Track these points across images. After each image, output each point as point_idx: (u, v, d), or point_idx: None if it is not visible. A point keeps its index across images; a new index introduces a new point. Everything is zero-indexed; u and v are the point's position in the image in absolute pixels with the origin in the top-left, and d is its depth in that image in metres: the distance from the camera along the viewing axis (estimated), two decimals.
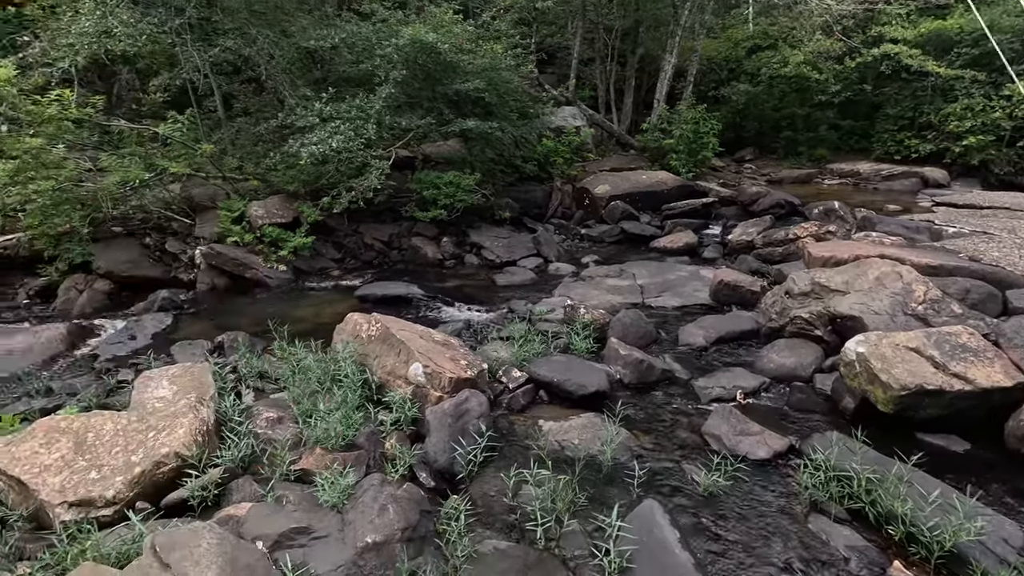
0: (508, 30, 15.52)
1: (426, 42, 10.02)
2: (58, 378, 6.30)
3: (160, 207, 10.44)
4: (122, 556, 2.93)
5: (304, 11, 12.79)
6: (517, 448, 4.36)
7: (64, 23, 10.16)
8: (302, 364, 5.27)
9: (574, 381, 5.01)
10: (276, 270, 9.87)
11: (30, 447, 3.68)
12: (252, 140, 12.43)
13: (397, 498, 3.23)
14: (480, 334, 6.97)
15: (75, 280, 9.43)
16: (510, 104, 12.65)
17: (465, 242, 11.38)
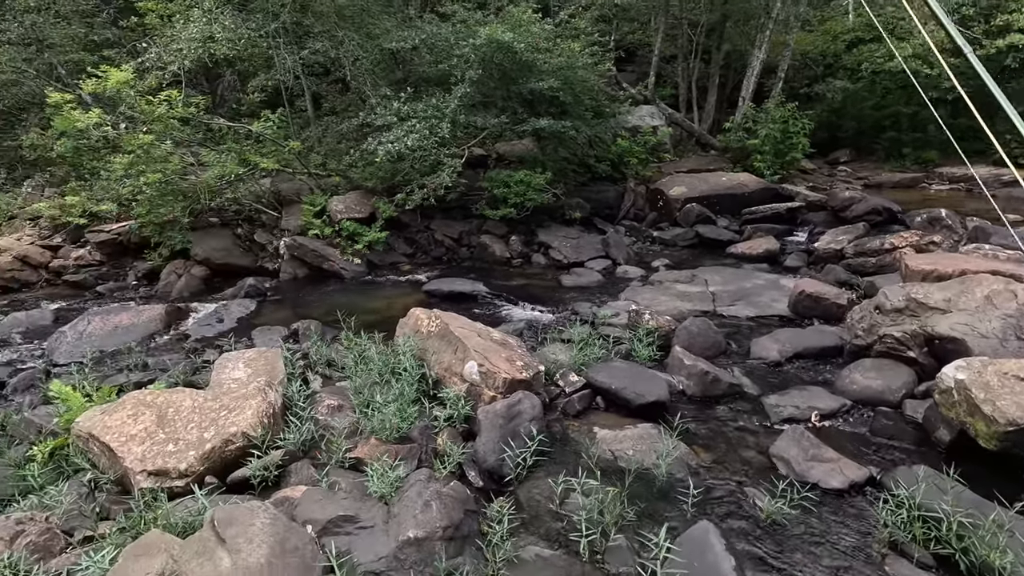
0: (587, 28, 15.30)
1: (502, 41, 10.07)
2: (154, 355, 6.91)
3: (251, 200, 11.20)
4: (187, 526, 3.14)
5: (388, 13, 13.25)
6: (569, 454, 4.26)
7: (176, 30, 11.13)
8: (365, 355, 5.44)
9: (633, 389, 4.83)
10: (351, 263, 10.30)
11: (120, 417, 4.03)
12: (336, 138, 13.05)
13: (442, 495, 3.24)
14: (541, 335, 6.90)
15: (175, 265, 10.32)
16: (585, 103, 12.47)
17: (533, 241, 11.34)
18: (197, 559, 2.66)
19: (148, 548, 2.73)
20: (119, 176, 9.61)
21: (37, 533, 3.29)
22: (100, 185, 10.29)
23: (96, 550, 2.90)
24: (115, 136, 9.91)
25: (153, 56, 11.07)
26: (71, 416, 4.43)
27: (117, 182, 9.77)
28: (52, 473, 4.18)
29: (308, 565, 2.83)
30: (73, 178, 11.57)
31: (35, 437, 4.68)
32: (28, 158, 12.65)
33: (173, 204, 10.02)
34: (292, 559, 2.79)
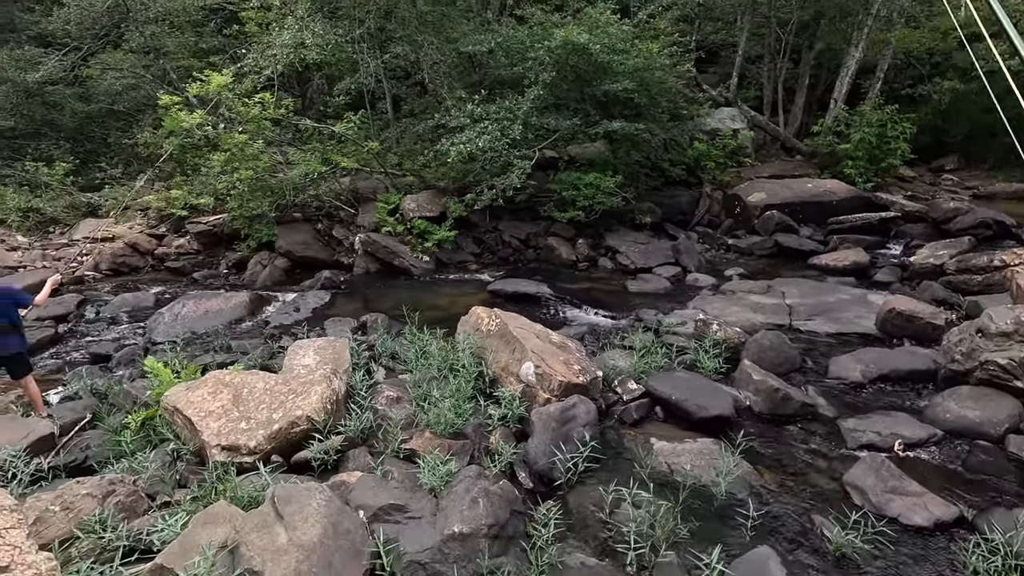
0: (667, 28, 14.90)
1: (578, 43, 10.00)
2: (237, 338, 7.42)
3: (331, 197, 11.78)
4: (251, 501, 3.34)
5: (467, 18, 13.52)
6: (622, 463, 4.15)
7: (271, 37, 11.92)
8: (426, 350, 5.57)
9: (695, 402, 4.64)
10: (421, 260, 10.60)
11: (201, 394, 4.36)
12: (412, 139, 13.48)
13: (489, 493, 3.25)
14: (603, 340, 6.79)
15: (261, 256, 11.04)
16: (662, 105, 12.15)
17: (600, 245, 11.18)
18: (257, 532, 2.82)
19: (215, 517, 2.93)
20: (216, 172, 10.41)
21: (125, 494, 3.61)
22: (200, 180, 11.20)
23: (171, 515, 3.15)
24: (214, 135, 10.76)
25: (250, 61, 11.91)
26: (161, 390, 4.84)
27: (215, 178, 10.59)
28: (142, 441, 4.58)
29: (357, 549, 2.92)
30: (178, 173, 12.68)
31: (131, 407, 5.16)
32: (142, 155, 13.98)
33: (262, 199, 10.72)
34: (343, 541, 2.90)
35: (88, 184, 14.30)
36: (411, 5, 12.01)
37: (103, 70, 14.72)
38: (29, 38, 15.94)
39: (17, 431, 4.56)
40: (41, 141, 14.97)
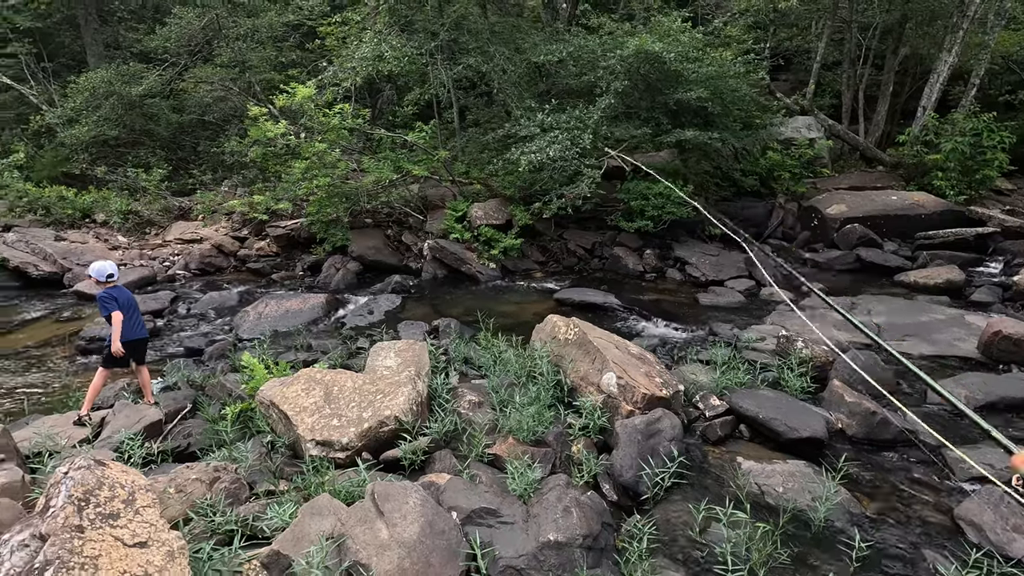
0: (740, 35, 14.54)
1: (651, 52, 9.92)
2: (316, 338, 7.74)
3: (401, 204, 12.15)
4: (349, 495, 3.47)
5: (537, 28, 13.68)
6: (709, 481, 4.04)
7: (350, 51, 12.47)
8: (502, 356, 5.62)
9: (783, 422, 4.46)
10: (487, 267, 10.74)
11: (295, 390, 4.57)
12: (479, 148, 13.73)
13: (581, 503, 3.23)
14: (676, 354, 6.65)
15: (334, 260, 11.51)
16: (734, 114, 11.85)
17: (669, 256, 10.98)
18: (360, 525, 2.92)
19: (320, 509, 3.06)
20: (296, 179, 10.96)
21: (230, 481, 3.82)
22: (281, 186, 11.82)
23: (279, 504, 3.31)
24: (295, 144, 11.34)
25: (329, 74, 12.49)
26: (255, 384, 5.11)
27: (294, 184, 11.16)
28: (238, 431, 4.84)
29: (453, 549, 2.97)
30: (260, 180, 13.43)
31: (226, 399, 5.48)
32: (227, 162, 14.91)
33: (338, 205, 11.20)
34: (439, 541, 2.96)
35: (180, 189, 15.37)
36: (483, 17, 12.28)
37: (196, 83, 15.82)
38: (133, 55, 17.36)
39: (131, 416, 4.93)
40: (140, 149, 16.24)
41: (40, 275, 11.23)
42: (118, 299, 5.38)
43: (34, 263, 11.38)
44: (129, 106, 15.45)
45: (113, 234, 13.59)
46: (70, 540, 2.27)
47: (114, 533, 2.45)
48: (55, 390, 6.51)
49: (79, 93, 15.31)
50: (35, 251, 11.78)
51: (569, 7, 14.46)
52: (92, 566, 2.24)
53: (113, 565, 2.30)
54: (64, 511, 2.36)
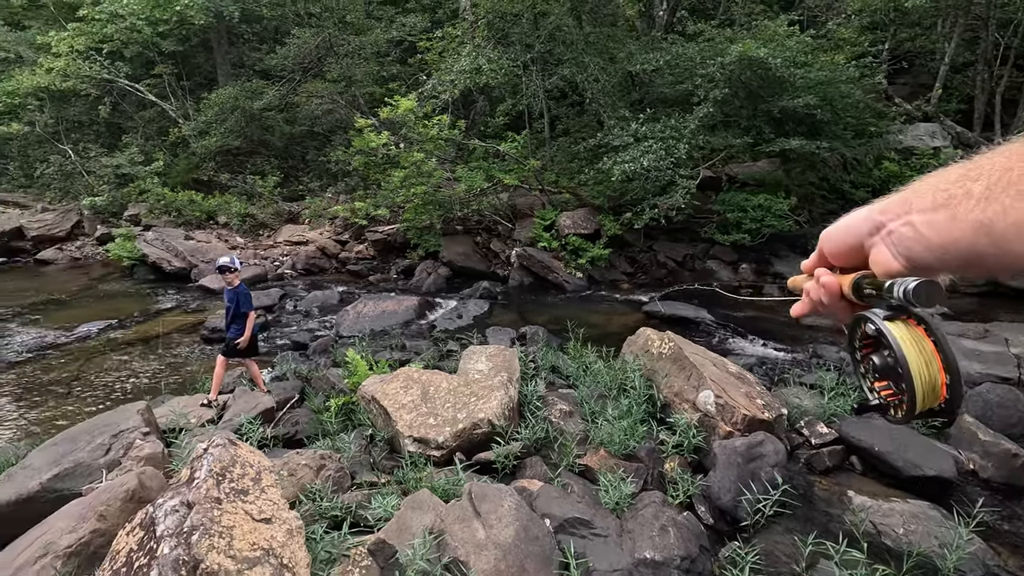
0: (854, 37, 13.58)
1: (755, 58, 9.50)
2: (409, 338, 8.09)
3: (491, 211, 12.44)
4: (445, 492, 3.58)
5: (632, 37, 13.54)
6: (816, 514, 3.78)
7: (447, 64, 12.98)
8: (592, 367, 5.59)
9: (903, 456, 4.08)
10: (574, 276, 10.73)
11: (394, 387, 4.80)
12: (569, 157, 13.78)
13: (678, 523, 3.14)
14: (776, 375, 6.29)
15: (426, 265, 11.97)
16: (845, 121, 11.06)
17: (767, 271, 10.42)
18: (459, 523, 3.02)
19: (421, 503, 3.19)
20: (395, 187, 11.54)
21: (334, 470, 4.08)
22: (380, 194, 12.49)
23: (382, 495, 3.49)
24: (395, 154, 11.95)
25: (429, 87, 13.06)
26: (357, 379, 5.42)
27: (393, 192, 11.75)
28: (341, 423, 5.16)
29: (546, 556, 2.99)
30: (362, 187, 14.27)
31: (329, 391, 5.86)
32: (332, 170, 15.99)
33: (431, 212, 11.66)
34: (534, 547, 2.99)
35: (290, 195, 16.69)
36: (578, 28, 12.34)
37: (307, 97, 17.12)
38: (255, 72, 19.11)
39: (248, 402, 5.40)
40: (257, 158, 17.81)
41: (172, 270, 12.60)
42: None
43: (168, 259, 12.78)
44: (250, 119, 17.00)
45: (232, 235, 14.98)
46: (211, 510, 2.52)
47: (244, 507, 2.70)
48: (185, 374, 7.27)
49: (210, 108, 17.08)
50: (168, 248, 13.22)
51: (666, 15, 14.19)
52: (228, 535, 2.48)
53: (245, 536, 2.53)
54: (206, 483, 2.63)
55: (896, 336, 0.62)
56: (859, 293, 0.66)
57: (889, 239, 0.60)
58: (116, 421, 4.52)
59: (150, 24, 16.91)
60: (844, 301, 0.69)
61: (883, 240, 0.61)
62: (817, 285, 0.71)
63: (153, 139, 18.69)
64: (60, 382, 7.13)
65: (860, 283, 0.65)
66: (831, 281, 0.70)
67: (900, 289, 0.58)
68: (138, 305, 10.74)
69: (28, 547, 2.99)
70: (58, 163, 17.64)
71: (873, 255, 0.63)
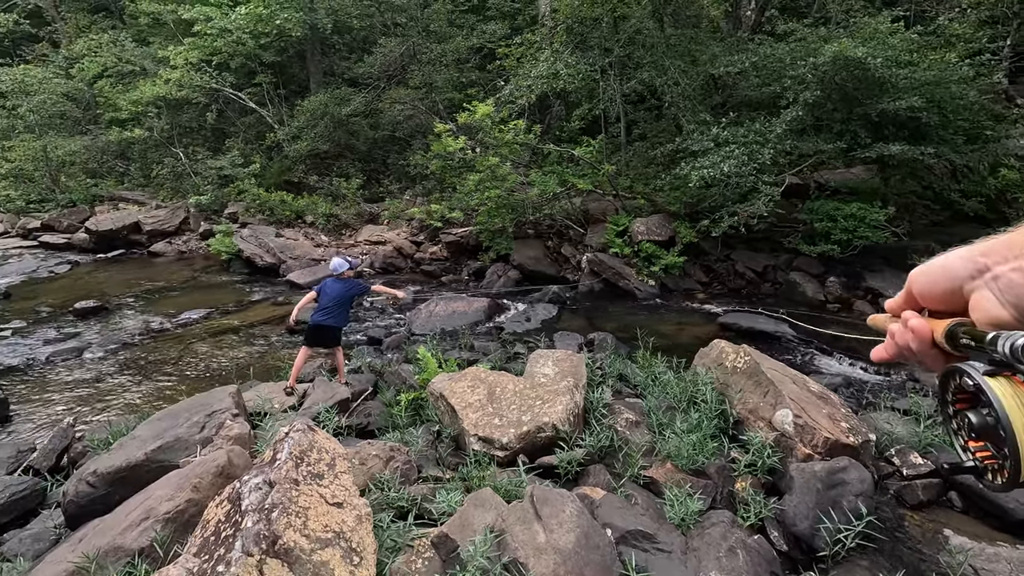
0: (969, 33, 12.39)
1: (852, 58, 8.89)
2: (478, 339, 8.23)
3: (563, 216, 12.41)
4: (507, 493, 3.62)
5: (716, 39, 13.09)
6: (906, 550, 3.48)
7: (525, 70, 13.11)
8: (661, 378, 5.44)
9: (1014, 496, 3.67)
10: (646, 284, 10.49)
11: (462, 386, 4.91)
12: (644, 162, 13.50)
13: (748, 547, 3.00)
14: (864, 398, 5.86)
15: (497, 267, 12.13)
16: (955, 124, 10.10)
17: (858, 285, 9.70)
18: (520, 524, 3.04)
19: (483, 501, 3.24)
20: (470, 190, 11.79)
21: (403, 462, 4.23)
22: (456, 197, 12.80)
23: (446, 490, 3.58)
24: (471, 158, 12.22)
25: (506, 92, 13.25)
26: (427, 376, 5.59)
27: (468, 195, 12.01)
28: (410, 417, 5.35)
29: (607, 566, 2.95)
30: (438, 190, 14.68)
31: (400, 386, 6.08)
32: (411, 173, 16.57)
33: (504, 216, 11.80)
34: (594, 556, 2.95)
35: (371, 196, 17.46)
36: (659, 31, 12.08)
37: (391, 103, 17.85)
38: (344, 80, 20.16)
39: (326, 391, 5.71)
40: (342, 161, 18.78)
41: (264, 265, 13.53)
42: (321, 288, 6.29)
43: (260, 255, 13.75)
44: (337, 124, 17.95)
45: (317, 233, 15.88)
46: (290, 490, 2.70)
47: (319, 491, 2.86)
48: (271, 361, 7.79)
49: (302, 114, 18.22)
50: (261, 245, 14.22)
51: (754, 14, 13.60)
52: (304, 515, 2.64)
53: (318, 518, 2.69)
54: (286, 465, 2.81)
55: (999, 395, 0.55)
56: (954, 342, 0.59)
57: (995, 285, 0.55)
58: (210, 402, 4.93)
59: (253, 37, 18.29)
60: (935, 349, 0.63)
61: (987, 285, 0.56)
62: (904, 329, 0.65)
63: (252, 143, 20.17)
64: (165, 362, 7.87)
65: (956, 331, 0.59)
66: (921, 326, 0.63)
67: (1007, 344, 0.52)
68: (233, 296, 11.63)
69: (134, 510, 3.32)
70: (171, 165, 19.45)
71: (974, 301, 0.58)
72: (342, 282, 6.36)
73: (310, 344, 6.32)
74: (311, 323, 6.30)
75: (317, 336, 6.32)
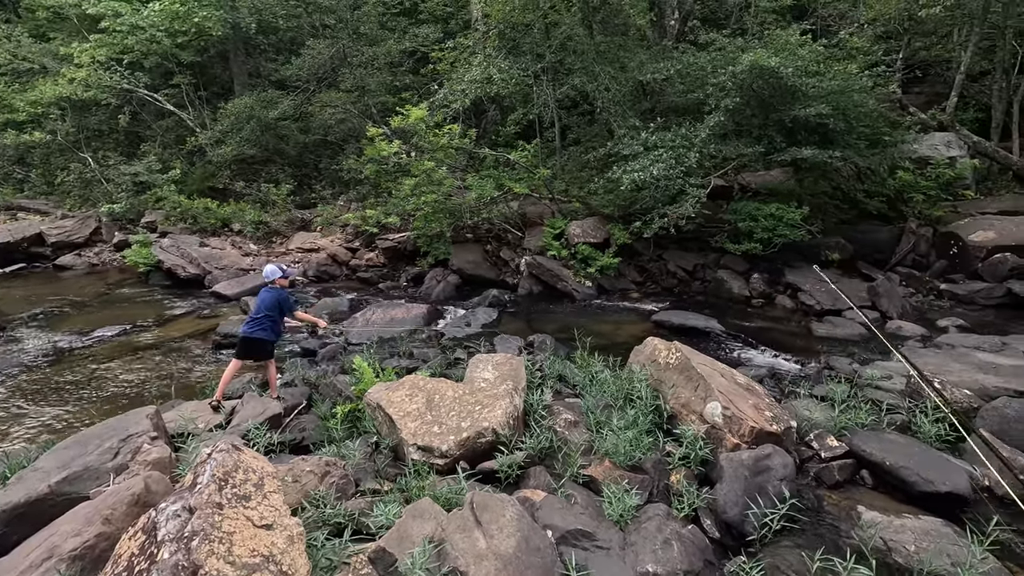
0: (867, 46, 13.49)
1: (767, 67, 9.46)
2: (417, 346, 8.10)
3: (501, 220, 12.47)
4: (447, 501, 3.57)
5: (643, 47, 13.57)
6: (824, 529, 3.71)
7: (459, 74, 13.09)
8: (598, 376, 5.55)
9: (916, 471, 4.00)
10: (583, 285, 10.70)
11: (399, 395, 4.81)
12: (578, 166, 13.79)
13: (682, 537, 3.10)
14: (786, 387, 6.21)
15: (435, 272, 12.01)
16: (858, 130, 10.95)
17: (779, 281, 10.31)
18: (460, 533, 3.00)
19: (422, 512, 3.18)
20: (406, 195, 11.62)
21: (339, 476, 4.08)
22: (391, 202, 12.59)
23: (384, 503, 3.48)
24: (406, 163, 12.05)
25: (440, 97, 13.18)
26: (363, 386, 5.44)
27: (403, 200, 11.84)
28: (347, 430, 5.17)
29: (548, 568, 2.96)
30: (373, 195, 14.39)
31: (336, 398, 5.87)
32: (344, 179, 16.16)
33: (442, 220, 11.71)
34: (535, 558, 2.96)
35: (303, 203, 16.88)
36: (588, 38, 12.39)
37: (321, 107, 17.34)
38: (271, 83, 19.40)
39: (256, 407, 5.43)
40: (271, 166, 18.06)
41: (187, 276, 12.76)
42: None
43: (183, 266, 12.95)
44: (265, 128, 17.25)
45: (246, 242, 15.16)
46: (212, 515, 2.54)
47: (246, 513, 2.71)
48: (195, 379, 7.34)
49: (226, 117, 17.36)
50: (183, 255, 13.41)
51: (678, 24, 14.20)
52: (228, 540, 2.49)
53: (244, 542, 2.54)
54: (208, 488, 2.64)
55: None
56: None
57: None
58: (125, 425, 4.57)
59: (169, 36, 17.26)
60: None
61: None
62: None
63: (171, 148, 19.02)
64: (74, 386, 7.24)
65: None
66: None
67: None
68: (152, 310, 10.89)
69: (35, 549, 3.03)
70: (78, 171, 17.99)
71: None
72: (274, 291, 6.08)
73: (240, 357, 5.99)
74: (240, 334, 5.98)
75: (247, 349, 6.00)
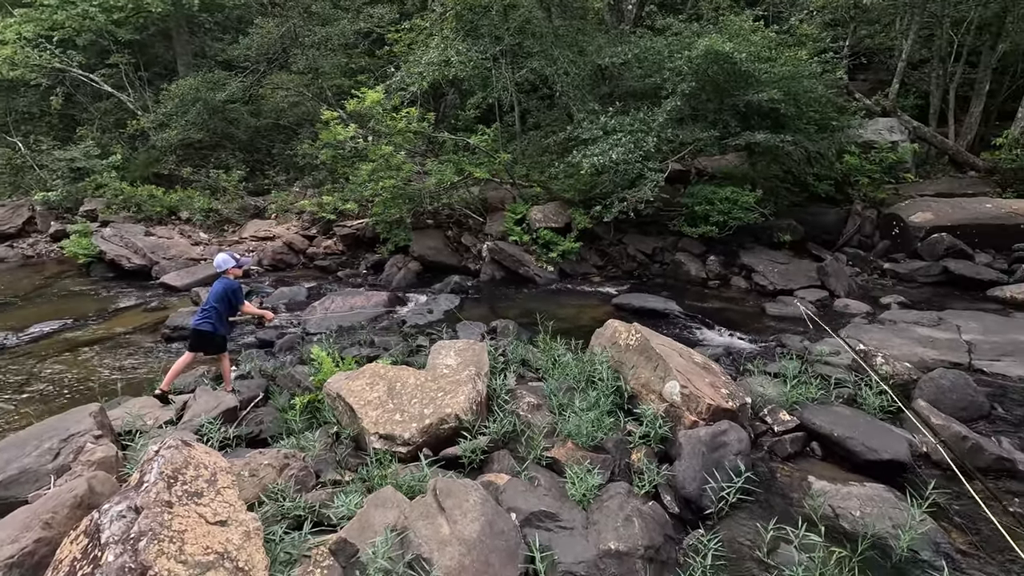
0: (816, 33, 13.87)
1: (721, 52, 9.61)
2: (378, 334, 7.97)
3: (462, 205, 12.34)
4: (411, 489, 3.54)
5: (601, 31, 13.56)
6: (777, 499, 3.86)
7: (416, 56, 12.80)
8: (561, 360, 5.59)
9: (861, 441, 4.20)
10: (545, 270, 10.74)
11: (360, 384, 4.72)
12: (539, 151, 13.75)
13: (643, 513, 3.17)
14: (741, 365, 6.40)
15: (396, 259, 11.82)
16: (808, 116, 11.29)
17: (734, 263, 10.59)
18: (423, 520, 2.98)
19: (384, 501, 3.14)
20: (363, 180, 11.34)
21: (298, 469, 3.99)
22: (348, 188, 12.28)
23: (345, 493, 3.42)
24: (363, 147, 11.75)
25: (397, 79, 12.86)
26: (323, 376, 5.32)
27: (361, 185, 11.56)
28: (306, 421, 5.05)
29: (512, 550, 2.98)
30: (329, 181, 13.99)
31: (295, 389, 5.73)
32: (299, 164, 15.66)
33: (401, 206, 11.51)
34: (499, 541, 2.97)
35: (256, 189, 16.28)
36: (547, 21, 12.29)
37: (273, 89, 16.70)
38: (217, 63, 18.53)
39: (210, 401, 5.24)
40: (221, 152, 17.32)
41: (132, 267, 12.16)
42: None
43: (127, 256, 12.34)
44: (213, 111, 16.50)
45: (195, 230, 14.54)
46: (161, 514, 2.43)
47: (198, 510, 2.61)
48: (143, 374, 7.02)
49: (170, 99, 16.51)
50: (128, 245, 12.76)
51: (635, 9, 14.25)
52: (179, 539, 2.39)
53: (197, 540, 2.45)
54: (156, 487, 2.53)
55: None
56: None
57: None
58: (67, 424, 4.34)
59: (104, 11, 16.22)
60: None
61: None
62: None
63: (110, 131, 17.99)
64: (9, 386, 6.82)
65: None
66: None
67: None
68: (95, 304, 10.35)
69: None
70: (7, 156, 16.83)
71: None
72: (224, 281, 5.84)
73: (192, 349, 5.76)
74: (191, 326, 5.75)
75: (198, 341, 5.77)
